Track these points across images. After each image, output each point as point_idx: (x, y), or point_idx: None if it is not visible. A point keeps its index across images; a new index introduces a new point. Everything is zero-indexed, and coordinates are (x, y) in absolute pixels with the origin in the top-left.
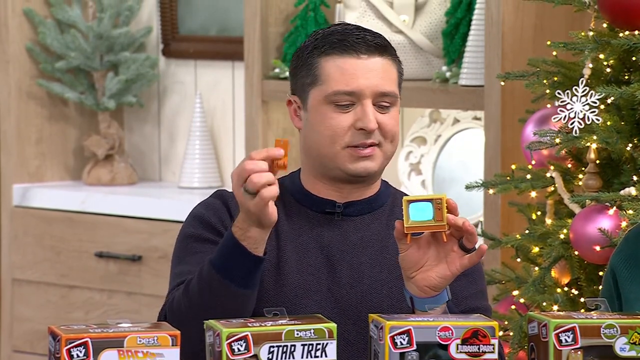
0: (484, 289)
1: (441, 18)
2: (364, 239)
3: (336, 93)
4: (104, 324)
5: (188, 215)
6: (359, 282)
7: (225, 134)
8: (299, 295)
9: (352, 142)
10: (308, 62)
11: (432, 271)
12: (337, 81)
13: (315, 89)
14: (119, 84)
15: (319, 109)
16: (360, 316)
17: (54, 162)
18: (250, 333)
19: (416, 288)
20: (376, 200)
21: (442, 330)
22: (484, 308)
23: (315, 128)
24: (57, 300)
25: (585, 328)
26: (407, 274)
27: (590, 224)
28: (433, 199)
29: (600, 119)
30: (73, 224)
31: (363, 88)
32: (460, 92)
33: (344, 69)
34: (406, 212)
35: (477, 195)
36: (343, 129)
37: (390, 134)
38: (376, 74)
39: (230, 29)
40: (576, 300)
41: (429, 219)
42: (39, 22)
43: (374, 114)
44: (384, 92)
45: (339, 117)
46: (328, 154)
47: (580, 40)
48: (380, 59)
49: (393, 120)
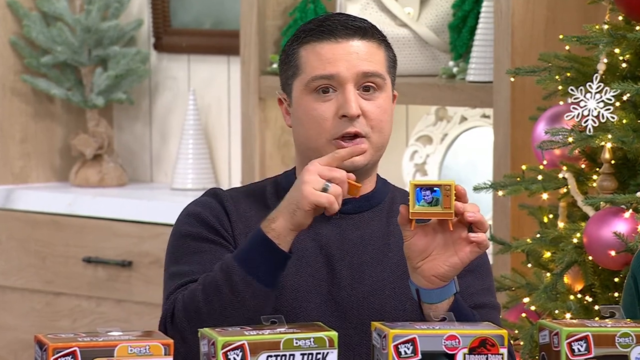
0: (491, 286)
1: (448, 10)
2: (364, 238)
3: (314, 78)
4: (94, 332)
5: (181, 214)
6: (360, 283)
7: (220, 132)
8: (298, 298)
9: (337, 133)
10: (289, 55)
11: (439, 260)
12: (314, 67)
13: (297, 80)
14: (108, 80)
15: (301, 101)
16: (362, 319)
17: (40, 162)
18: (247, 342)
19: (422, 279)
20: (374, 196)
21: (448, 339)
22: (491, 305)
23: (301, 122)
24: (43, 308)
25: (599, 337)
26: (412, 263)
27: (605, 228)
28: (441, 185)
29: (615, 117)
30: (59, 228)
31: (342, 70)
32: (468, 89)
33: (321, 54)
34: (412, 197)
35: (485, 197)
36: (326, 119)
37: (376, 122)
38: (357, 56)
39: (225, 21)
40: (590, 308)
41: (436, 206)
42: (23, 14)
43: (357, 99)
44: (366, 71)
45: (322, 107)
46: (315, 147)
47: (595, 34)
48: (362, 41)
49: (379, 109)
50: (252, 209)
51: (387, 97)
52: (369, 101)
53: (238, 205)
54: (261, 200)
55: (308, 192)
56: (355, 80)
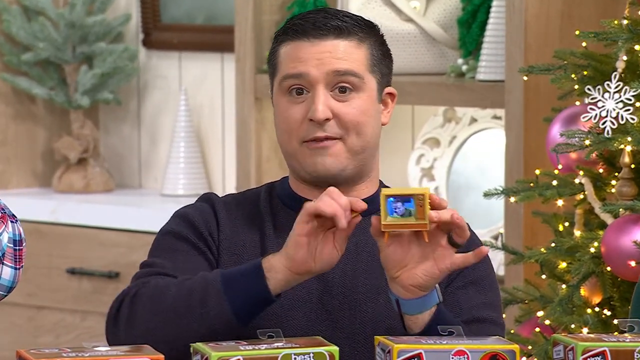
0: (495, 301)
1: (456, 5)
2: (358, 245)
3: (285, 77)
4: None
5: (171, 216)
6: (353, 291)
7: (213, 135)
8: (286, 307)
9: (305, 136)
10: (271, 54)
11: (417, 269)
12: (287, 66)
13: (275, 80)
14: (93, 79)
15: (277, 101)
16: (353, 328)
17: (20, 166)
18: (242, 357)
19: (401, 288)
20: (371, 202)
21: (456, 354)
22: (491, 320)
23: (276, 123)
24: (24, 323)
25: (617, 352)
26: (390, 273)
27: (624, 236)
28: (414, 195)
29: (635, 118)
30: (42, 237)
31: (311, 70)
32: (478, 88)
33: (292, 54)
34: (384, 208)
35: (497, 204)
36: (296, 122)
37: (352, 124)
38: (329, 55)
39: (219, 16)
40: (608, 322)
41: (408, 217)
42: (3, 8)
43: (327, 101)
44: (338, 69)
45: (293, 109)
46: (289, 151)
47: (613, 30)
48: (337, 40)
49: (356, 110)
50: (244, 215)
51: (369, 97)
52: (343, 102)
53: (230, 210)
54: (254, 205)
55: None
56: (326, 80)
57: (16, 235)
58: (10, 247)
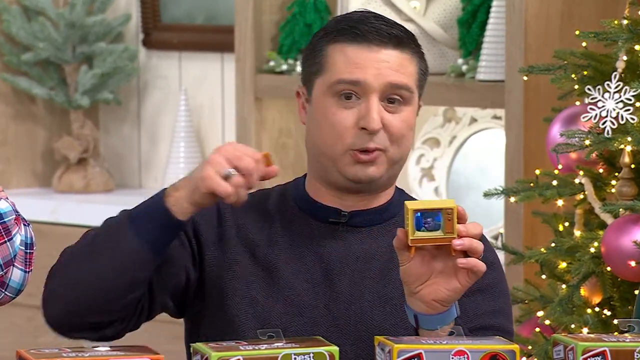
0: (505, 308)
1: (456, 5)
2: (368, 252)
3: (339, 82)
4: (79, 347)
5: None
6: (360, 298)
7: (213, 135)
8: (292, 313)
9: (355, 145)
10: (316, 50)
11: (440, 284)
12: (341, 70)
13: (320, 79)
14: (93, 79)
15: (322, 102)
16: (359, 335)
17: (20, 166)
18: (242, 357)
19: (422, 304)
20: (387, 209)
21: (456, 354)
22: (499, 327)
23: (318, 123)
24: (24, 324)
25: (617, 352)
26: (410, 288)
27: (624, 236)
28: (443, 209)
29: (635, 118)
30: (42, 237)
31: (369, 78)
32: (478, 88)
33: (350, 58)
34: (411, 223)
35: (496, 204)
36: (346, 128)
37: (397, 136)
38: (387, 66)
39: (219, 16)
40: (608, 322)
41: (437, 230)
42: (3, 8)
43: (380, 112)
44: (394, 82)
45: (342, 114)
46: (330, 154)
47: (614, 30)
48: (395, 52)
49: (403, 123)
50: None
51: (413, 110)
52: (392, 114)
53: (236, 210)
54: (262, 207)
55: (207, 175)
56: (381, 90)
57: (28, 238)
58: (22, 250)
